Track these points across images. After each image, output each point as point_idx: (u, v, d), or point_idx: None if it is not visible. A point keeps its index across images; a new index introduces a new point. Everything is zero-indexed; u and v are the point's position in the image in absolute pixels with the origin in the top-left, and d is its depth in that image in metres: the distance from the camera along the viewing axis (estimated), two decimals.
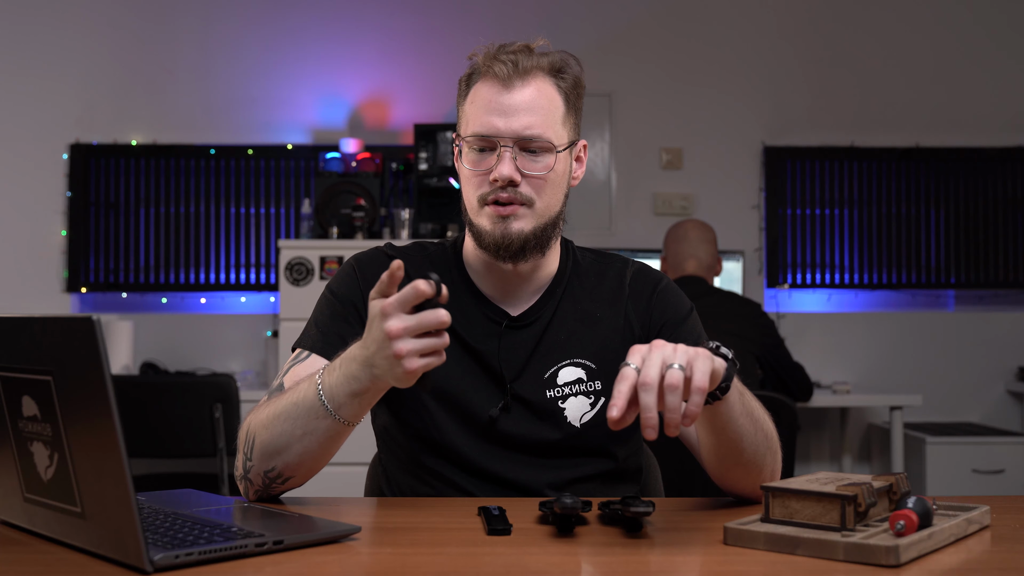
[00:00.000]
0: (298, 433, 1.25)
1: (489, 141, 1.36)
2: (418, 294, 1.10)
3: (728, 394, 1.18)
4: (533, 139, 1.36)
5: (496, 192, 1.36)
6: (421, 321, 1.11)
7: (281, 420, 1.26)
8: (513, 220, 1.37)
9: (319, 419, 1.23)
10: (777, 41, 4.45)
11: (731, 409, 1.21)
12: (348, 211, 3.92)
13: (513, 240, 1.37)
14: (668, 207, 4.39)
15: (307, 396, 1.24)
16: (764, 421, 1.29)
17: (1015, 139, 4.42)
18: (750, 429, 1.26)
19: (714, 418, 1.22)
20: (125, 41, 4.36)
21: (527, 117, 1.35)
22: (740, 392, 1.23)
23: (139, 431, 3.19)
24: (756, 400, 1.30)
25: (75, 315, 0.95)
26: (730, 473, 1.30)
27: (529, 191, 1.37)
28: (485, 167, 1.37)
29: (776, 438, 1.32)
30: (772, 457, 1.31)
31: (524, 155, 1.36)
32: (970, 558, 1.03)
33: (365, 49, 4.38)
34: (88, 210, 4.29)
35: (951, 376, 4.40)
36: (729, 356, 1.19)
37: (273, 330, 4.15)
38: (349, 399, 1.21)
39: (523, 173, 1.36)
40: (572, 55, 1.42)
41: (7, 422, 1.06)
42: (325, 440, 1.25)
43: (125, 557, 0.95)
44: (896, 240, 4.41)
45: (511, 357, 1.43)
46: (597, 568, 1.03)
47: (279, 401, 1.28)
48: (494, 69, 1.36)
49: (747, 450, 1.26)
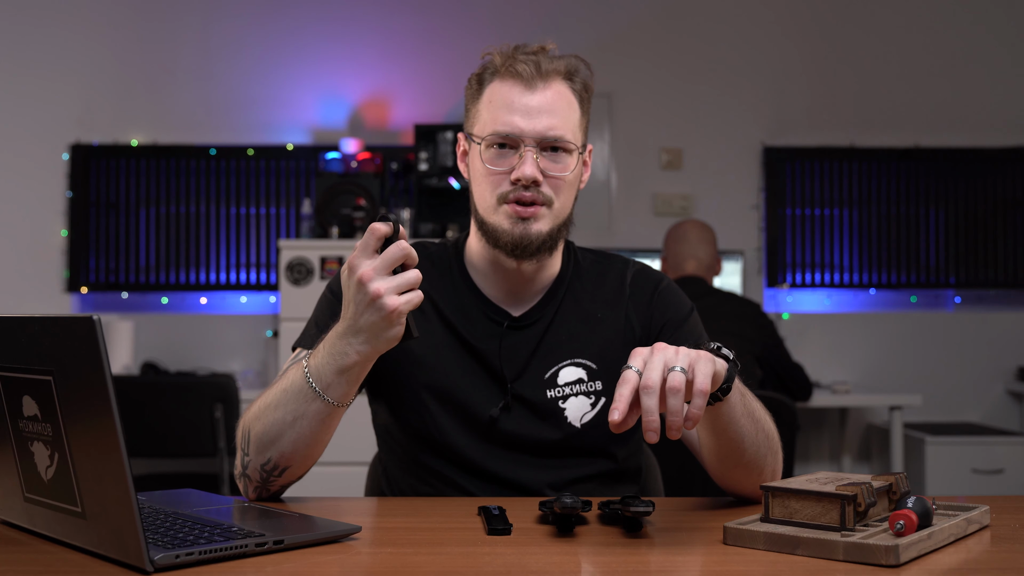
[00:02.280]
0: (289, 419, 1.25)
1: (512, 140, 1.37)
2: (377, 236, 1.14)
3: (729, 395, 1.18)
4: (556, 140, 1.37)
5: (518, 192, 1.37)
6: (387, 257, 1.14)
7: (272, 408, 1.27)
8: (533, 222, 1.38)
9: (309, 402, 1.24)
10: (777, 41, 4.45)
11: (732, 410, 1.21)
12: (348, 211, 3.92)
13: (532, 241, 1.38)
14: (668, 207, 4.39)
15: (295, 381, 1.25)
16: (765, 421, 1.29)
17: (1015, 139, 4.42)
18: (751, 430, 1.26)
19: (715, 420, 1.22)
20: (125, 41, 4.36)
21: (549, 119, 1.36)
22: (741, 393, 1.23)
23: (139, 431, 3.19)
24: (758, 401, 1.30)
25: (75, 315, 0.95)
26: (731, 473, 1.30)
27: (549, 191, 1.38)
28: (506, 166, 1.37)
29: (777, 438, 1.32)
30: (773, 457, 1.31)
31: (545, 156, 1.37)
32: (970, 558, 1.03)
33: (365, 49, 4.38)
34: (88, 210, 4.29)
35: (951, 376, 4.40)
36: (731, 357, 1.19)
37: (273, 330, 4.15)
38: (336, 376, 1.22)
39: (545, 174, 1.37)
40: (582, 59, 1.43)
41: (7, 422, 1.06)
42: (316, 423, 1.26)
43: (125, 557, 0.95)
44: (896, 240, 4.41)
45: (512, 357, 1.43)
46: (597, 568, 1.03)
47: (269, 392, 1.30)
48: (516, 68, 1.37)
49: (748, 451, 1.26)
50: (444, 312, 1.44)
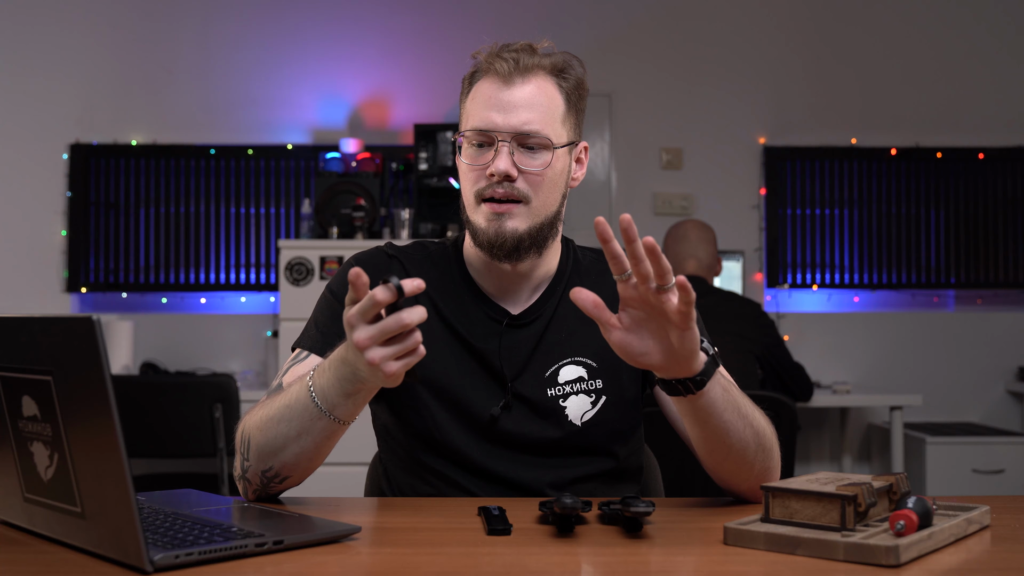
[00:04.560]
0: (293, 434, 1.25)
1: (487, 136, 1.36)
2: (375, 304, 1.09)
3: (708, 388, 1.18)
4: (530, 135, 1.35)
5: (492, 188, 1.36)
6: (382, 329, 1.09)
7: (275, 422, 1.26)
8: (508, 219, 1.37)
9: (314, 420, 1.23)
10: (777, 41, 4.45)
11: (713, 403, 1.21)
12: (348, 211, 3.92)
13: (507, 239, 1.37)
14: (668, 207, 4.39)
15: (300, 398, 1.24)
16: (755, 419, 1.28)
17: (1015, 139, 4.42)
18: (738, 425, 1.25)
19: (696, 411, 1.22)
20: (125, 41, 4.36)
21: (525, 113, 1.36)
22: (724, 388, 1.23)
23: (139, 431, 3.19)
24: (748, 399, 1.29)
25: (75, 315, 0.95)
26: (721, 468, 1.30)
27: (525, 187, 1.37)
28: (482, 162, 1.37)
29: (771, 438, 1.31)
30: (764, 455, 1.30)
31: (521, 151, 1.36)
32: (970, 558, 1.03)
33: (365, 49, 4.38)
34: (88, 210, 4.29)
35: (951, 376, 4.40)
36: (710, 352, 1.19)
37: (273, 330, 4.15)
38: (343, 399, 1.21)
39: (520, 169, 1.36)
40: (576, 57, 1.43)
41: (7, 422, 1.06)
42: (321, 439, 1.25)
43: (125, 557, 0.95)
44: (896, 240, 4.41)
45: (512, 356, 1.43)
46: (597, 568, 1.03)
47: (272, 403, 1.28)
48: (495, 66, 1.37)
49: (735, 445, 1.26)
50: (444, 312, 1.44)
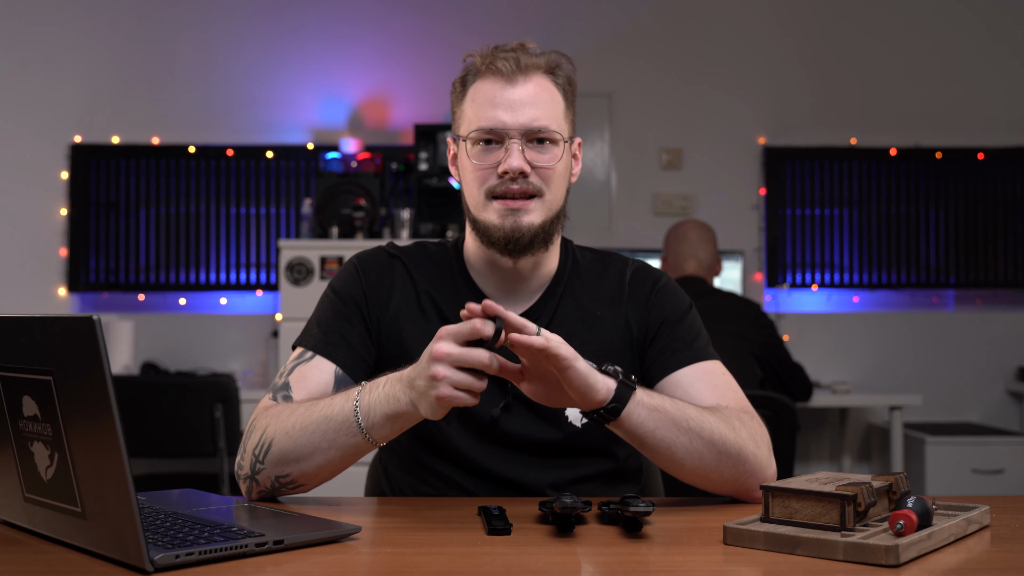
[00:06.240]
0: (324, 446, 1.25)
1: (496, 134, 1.37)
2: (474, 331, 1.13)
3: (628, 412, 1.20)
4: (541, 131, 1.37)
5: (506, 185, 1.37)
6: (464, 353, 1.13)
7: (308, 432, 1.26)
8: (524, 214, 1.37)
9: (349, 436, 1.24)
10: (777, 41, 4.45)
11: (641, 424, 1.23)
12: (348, 211, 3.92)
13: (524, 233, 1.38)
14: (668, 207, 4.39)
15: (341, 411, 1.24)
16: (705, 429, 1.25)
17: (1016, 139, 4.42)
18: (680, 439, 1.24)
19: (627, 435, 1.24)
20: (125, 41, 4.36)
21: (533, 110, 1.37)
22: (652, 407, 1.23)
23: (139, 431, 3.19)
24: (697, 410, 1.27)
25: (75, 315, 0.95)
26: (688, 479, 1.31)
27: (539, 182, 1.38)
28: (491, 161, 1.38)
29: (735, 443, 1.27)
30: (730, 462, 1.27)
31: (531, 147, 1.38)
32: (970, 558, 1.03)
33: (365, 49, 4.38)
34: (88, 210, 4.29)
35: (951, 376, 4.40)
36: (620, 378, 1.21)
37: (273, 330, 4.15)
38: (384, 419, 1.22)
39: (532, 165, 1.37)
40: (564, 55, 1.44)
41: (7, 422, 1.06)
42: (349, 455, 1.27)
43: (125, 557, 0.95)
44: (896, 240, 4.41)
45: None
46: (597, 568, 1.03)
47: (308, 412, 1.27)
48: (496, 66, 1.38)
49: (685, 459, 1.26)
50: (444, 312, 1.44)
